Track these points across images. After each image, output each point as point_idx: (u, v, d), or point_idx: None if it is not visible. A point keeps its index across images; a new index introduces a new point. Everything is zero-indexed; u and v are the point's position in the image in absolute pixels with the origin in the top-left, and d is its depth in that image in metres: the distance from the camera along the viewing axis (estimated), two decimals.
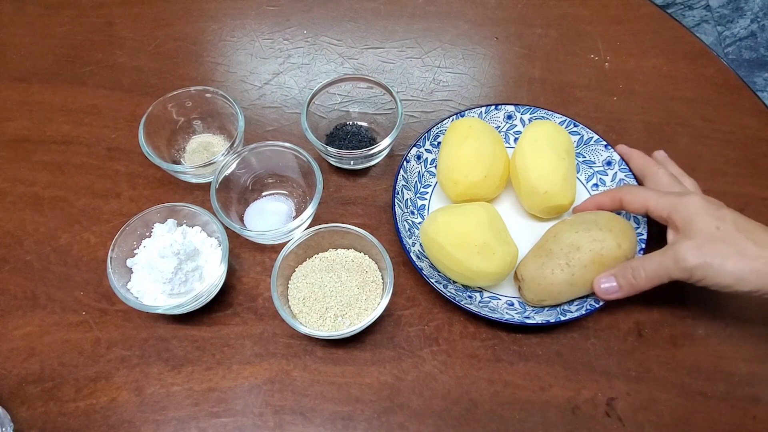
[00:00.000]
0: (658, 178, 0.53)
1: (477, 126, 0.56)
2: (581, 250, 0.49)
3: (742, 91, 0.68)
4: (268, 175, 0.59)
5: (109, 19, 0.74)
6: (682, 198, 0.48)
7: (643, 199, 0.51)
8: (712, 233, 0.45)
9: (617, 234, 0.50)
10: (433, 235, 0.51)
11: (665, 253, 0.47)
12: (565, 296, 0.50)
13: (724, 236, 0.45)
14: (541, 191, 0.54)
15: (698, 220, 0.46)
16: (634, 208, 0.51)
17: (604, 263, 0.49)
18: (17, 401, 0.49)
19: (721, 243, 0.45)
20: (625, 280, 0.48)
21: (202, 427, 0.48)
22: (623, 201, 0.52)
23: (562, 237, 0.51)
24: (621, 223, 0.51)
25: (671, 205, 0.48)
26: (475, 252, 0.49)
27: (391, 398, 0.50)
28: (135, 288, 0.50)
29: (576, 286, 0.50)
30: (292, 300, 0.52)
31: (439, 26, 0.74)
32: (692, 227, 0.46)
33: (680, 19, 1.20)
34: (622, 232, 0.50)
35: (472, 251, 0.49)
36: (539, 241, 0.53)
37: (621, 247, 0.49)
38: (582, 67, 0.70)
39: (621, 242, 0.50)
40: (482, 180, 0.54)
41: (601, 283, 0.49)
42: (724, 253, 0.44)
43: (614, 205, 0.53)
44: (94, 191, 0.60)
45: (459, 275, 0.51)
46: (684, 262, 0.45)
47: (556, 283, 0.49)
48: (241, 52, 0.71)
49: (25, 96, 0.67)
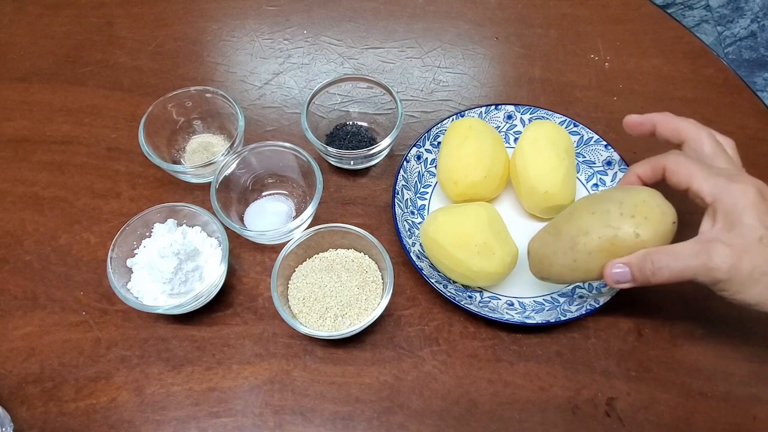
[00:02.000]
0: (700, 145, 0.44)
1: (477, 126, 0.56)
2: (589, 234, 0.44)
3: (742, 91, 0.68)
4: (268, 175, 0.59)
5: (109, 19, 0.74)
6: (734, 184, 0.40)
7: (687, 172, 0.42)
8: (753, 242, 0.38)
9: (641, 221, 0.43)
10: (433, 235, 0.51)
11: (698, 255, 0.40)
12: (566, 279, 0.48)
13: (764, 251, 0.38)
14: (541, 191, 0.54)
15: (745, 220, 0.39)
16: (676, 181, 0.44)
17: (614, 252, 0.44)
18: (17, 401, 0.49)
19: (760, 257, 0.38)
20: (642, 274, 0.42)
21: (202, 427, 0.48)
22: (666, 171, 0.44)
23: (575, 216, 0.46)
24: (653, 207, 0.43)
25: (718, 190, 0.40)
26: (475, 252, 0.49)
27: (391, 398, 0.50)
28: (135, 288, 0.50)
29: (578, 272, 0.47)
30: (292, 300, 0.52)
31: (439, 26, 0.74)
32: (735, 226, 0.39)
33: (680, 19, 1.20)
34: (648, 219, 0.43)
35: (472, 251, 0.49)
36: (558, 215, 0.49)
37: (639, 237, 0.43)
38: (582, 67, 0.70)
39: (642, 231, 0.43)
40: (482, 180, 0.54)
41: (614, 268, 0.43)
42: (761, 270, 0.38)
43: (656, 176, 0.46)
44: (94, 191, 0.60)
45: (459, 275, 0.51)
46: (716, 273, 0.39)
47: (556, 264, 0.47)
48: (241, 52, 0.71)
49: (25, 96, 0.67)
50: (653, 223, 0.43)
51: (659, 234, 0.44)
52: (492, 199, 0.58)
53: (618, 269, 0.43)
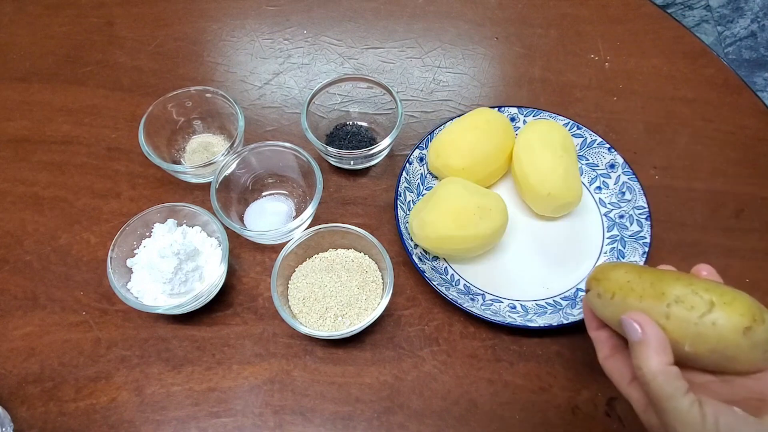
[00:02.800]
0: None
1: (495, 120, 0.57)
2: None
3: (742, 91, 0.68)
4: (268, 175, 0.59)
5: (109, 19, 0.74)
6: None
7: None
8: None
9: (720, 303, 0.34)
10: (434, 235, 0.51)
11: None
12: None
13: None
14: (543, 194, 0.54)
15: None
16: None
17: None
18: (17, 401, 0.49)
19: None
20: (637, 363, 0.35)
21: (202, 427, 0.48)
22: None
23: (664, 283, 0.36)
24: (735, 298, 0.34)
25: None
26: (477, 219, 0.50)
27: (391, 398, 0.50)
28: (135, 288, 0.50)
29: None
30: (292, 300, 0.52)
31: (439, 26, 0.74)
32: None
33: (680, 19, 1.20)
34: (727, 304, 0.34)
35: (474, 220, 0.50)
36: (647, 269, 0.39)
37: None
38: (582, 67, 0.70)
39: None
40: (460, 170, 0.56)
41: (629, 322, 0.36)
42: None
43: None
44: (94, 191, 0.60)
45: (478, 248, 0.53)
46: None
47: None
48: (241, 52, 0.71)
49: (26, 96, 0.67)
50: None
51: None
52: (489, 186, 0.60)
53: (629, 326, 0.36)
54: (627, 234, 0.55)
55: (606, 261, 0.55)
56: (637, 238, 0.54)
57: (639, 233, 0.55)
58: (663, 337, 0.35)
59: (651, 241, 0.53)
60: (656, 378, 0.33)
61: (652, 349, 0.34)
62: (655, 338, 0.35)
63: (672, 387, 0.33)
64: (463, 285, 0.54)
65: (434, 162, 0.57)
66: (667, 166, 0.62)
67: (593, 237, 0.57)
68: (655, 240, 0.54)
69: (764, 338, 0.33)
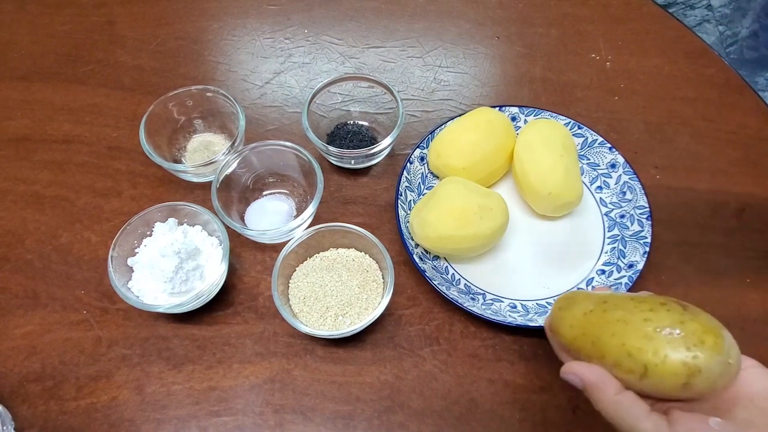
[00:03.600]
0: None
1: (496, 121, 0.57)
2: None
3: (743, 91, 0.68)
4: (269, 174, 0.59)
5: (110, 18, 0.74)
6: None
7: None
8: None
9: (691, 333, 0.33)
10: (434, 235, 0.51)
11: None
12: None
13: None
14: (544, 193, 0.54)
15: None
16: None
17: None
18: (18, 400, 0.49)
19: None
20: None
21: (203, 425, 0.48)
22: None
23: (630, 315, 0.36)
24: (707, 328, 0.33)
25: None
26: (478, 218, 0.50)
27: (392, 397, 0.50)
28: (136, 287, 0.50)
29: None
30: (292, 299, 0.52)
31: (440, 25, 0.74)
32: None
33: (682, 19, 1.20)
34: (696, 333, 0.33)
35: (475, 219, 0.50)
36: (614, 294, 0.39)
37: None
38: (583, 66, 0.70)
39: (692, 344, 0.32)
40: (461, 170, 0.56)
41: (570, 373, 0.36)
42: None
43: None
44: (95, 190, 0.60)
45: (478, 247, 0.53)
46: None
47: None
48: (242, 51, 0.71)
49: (26, 95, 0.67)
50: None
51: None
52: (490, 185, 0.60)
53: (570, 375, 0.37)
54: (628, 234, 0.55)
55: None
56: (638, 237, 0.54)
57: (640, 233, 0.54)
58: (601, 371, 0.35)
59: (652, 240, 0.53)
60: (612, 413, 0.33)
61: (598, 388, 0.34)
62: (595, 378, 0.35)
63: (630, 415, 0.33)
64: (463, 284, 0.54)
65: (435, 161, 0.57)
66: (668, 166, 0.62)
67: (594, 237, 0.57)
68: (655, 240, 0.54)
69: (706, 386, 0.32)
